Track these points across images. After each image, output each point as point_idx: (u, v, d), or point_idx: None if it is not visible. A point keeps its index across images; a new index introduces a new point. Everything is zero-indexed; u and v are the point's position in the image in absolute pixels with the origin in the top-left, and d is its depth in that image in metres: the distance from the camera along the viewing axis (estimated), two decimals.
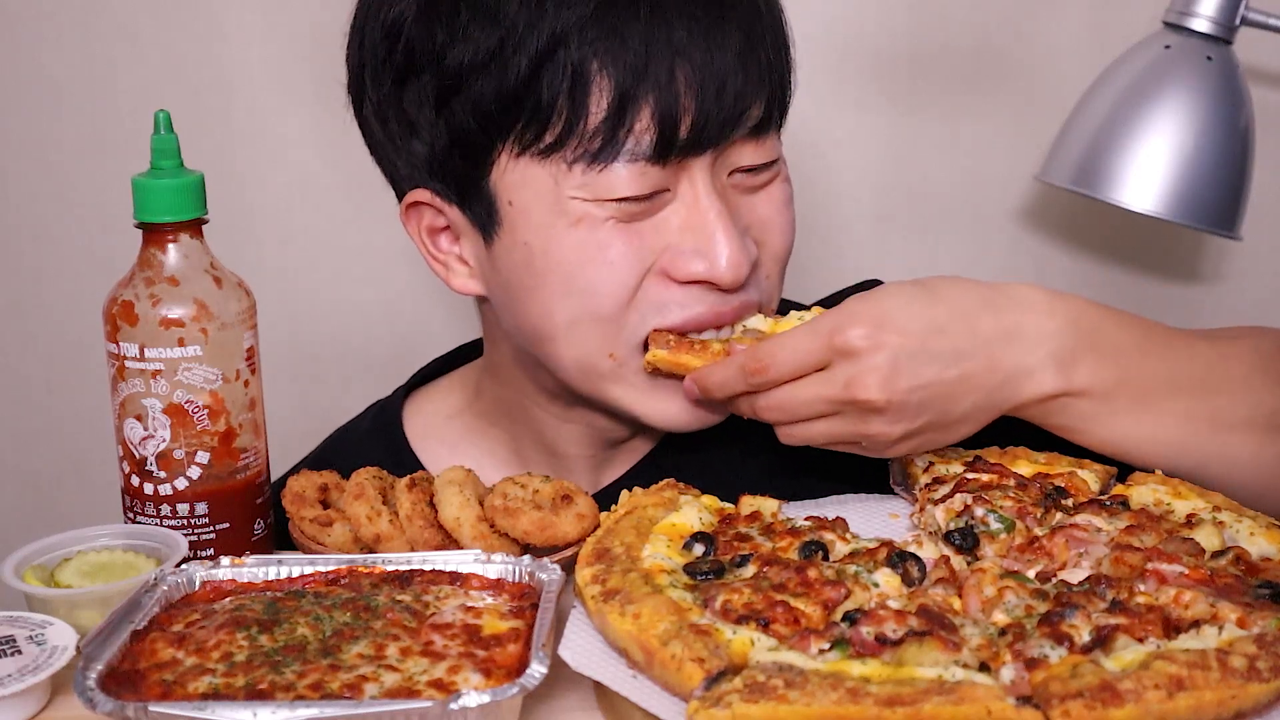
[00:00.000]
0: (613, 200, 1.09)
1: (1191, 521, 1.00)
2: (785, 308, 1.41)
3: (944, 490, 1.05)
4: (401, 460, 1.30)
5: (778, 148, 1.18)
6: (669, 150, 1.08)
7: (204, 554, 1.06)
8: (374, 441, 1.34)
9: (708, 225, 1.11)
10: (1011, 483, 1.06)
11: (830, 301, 1.42)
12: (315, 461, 1.38)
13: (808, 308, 1.41)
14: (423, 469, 1.28)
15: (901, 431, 1.04)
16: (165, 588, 0.94)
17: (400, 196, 1.20)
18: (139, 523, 1.07)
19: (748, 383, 1.06)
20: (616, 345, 1.13)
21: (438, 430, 1.34)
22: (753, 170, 1.15)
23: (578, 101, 1.06)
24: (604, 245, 1.10)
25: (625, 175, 1.08)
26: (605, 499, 1.22)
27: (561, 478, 1.27)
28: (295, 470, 1.35)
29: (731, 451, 1.30)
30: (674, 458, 1.29)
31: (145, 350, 1.05)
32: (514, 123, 1.08)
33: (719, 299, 1.13)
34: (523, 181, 1.10)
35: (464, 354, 1.41)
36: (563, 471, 1.28)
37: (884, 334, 1.02)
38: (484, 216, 1.14)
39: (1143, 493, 1.06)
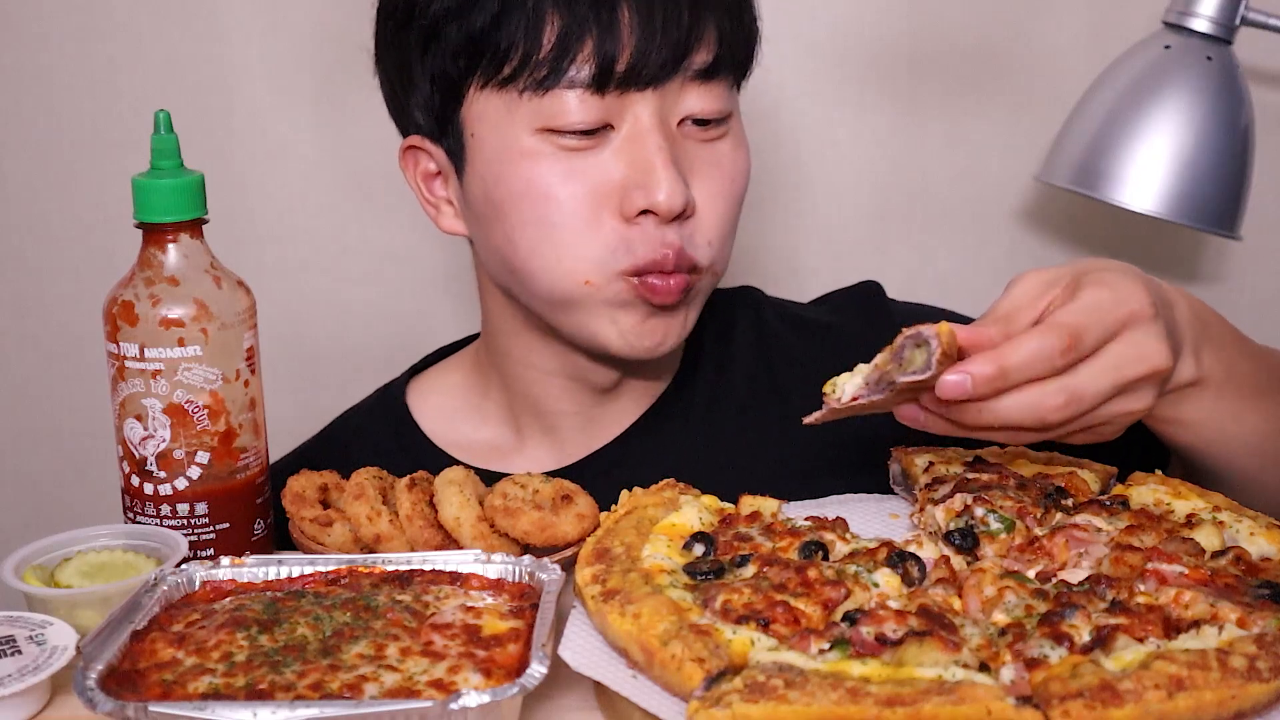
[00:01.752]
0: (559, 131, 1.15)
1: (1191, 521, 1.00)
2: (787, 307, 1.41)
3: (944, 490, 1.05)
4: (404, 433, 1.35)
5: (730, 101, 1.22)
6: (607, 80, 1.14)
7: (204, 554, 1.06)
8: (378, 417, 1.39)
9: (648, 159, 1.16)
10: (1011, 483, 1.06)
11: (829, 301, 1.43)
12: (321, 440, 1.42)
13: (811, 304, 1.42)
14: (424, 438, 1.34)
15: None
16: (165, 588, 0.94)
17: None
18: (139, 523, 1.08)
19: (1054, 364, 0.93)
20: (590, 274, 1.17)
21: (439, 400, 1.39)
22: (703, 123, 1.19)
23: (531, 41, 1.15)
24: (550, 177, 1.16)
25: (569, 101, 1.15)
26: (596, 463, 1.29)
27: (554, 441, 1.32)
28: (299, 452, 1.38)
29: (730, 450, 1.30)
30: (666, 427, 1.32)
31: (145, 350, 1.05)
32: (480, 60, 1.17)
33: (666, 230, 1.16)
34: (482, 113, 1.19)
35: (469, 343, 1.43)
36: (555, 433, 1.32)
37: (1154, 302, 0.97)
38: (456, 151, 1.22)
39: (1143, 493, 1.06)
